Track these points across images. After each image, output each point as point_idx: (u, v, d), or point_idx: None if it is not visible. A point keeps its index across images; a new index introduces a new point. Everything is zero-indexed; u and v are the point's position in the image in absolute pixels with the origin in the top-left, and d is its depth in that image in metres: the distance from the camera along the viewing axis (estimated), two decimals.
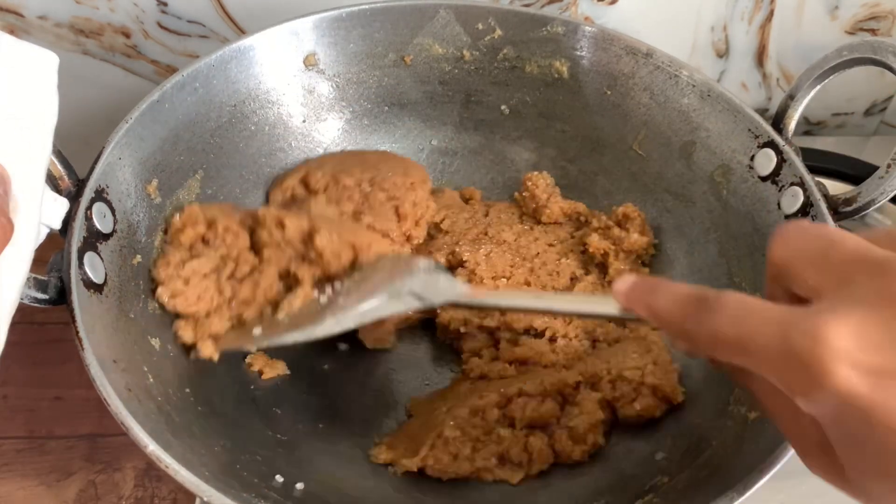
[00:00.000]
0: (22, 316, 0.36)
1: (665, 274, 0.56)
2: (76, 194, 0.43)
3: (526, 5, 0.60)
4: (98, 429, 0.54)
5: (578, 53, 0.57)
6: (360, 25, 0.56)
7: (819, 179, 0.49)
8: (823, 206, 0.47)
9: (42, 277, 0.40)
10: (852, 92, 0.72)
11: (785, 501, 0.50)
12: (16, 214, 0.35)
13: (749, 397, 0.45)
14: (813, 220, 0.47)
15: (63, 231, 0.42)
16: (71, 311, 0.39)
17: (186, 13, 0.58)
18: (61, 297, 0.40)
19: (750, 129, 0.51)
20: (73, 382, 0.56)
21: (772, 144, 0.50)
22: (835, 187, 0.53)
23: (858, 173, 0.65)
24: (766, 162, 0.50)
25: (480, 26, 0.57)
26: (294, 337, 0.44)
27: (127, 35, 0.59)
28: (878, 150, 0.71)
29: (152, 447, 0.36)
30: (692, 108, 0.54)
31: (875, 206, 0.46)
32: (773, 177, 0.50)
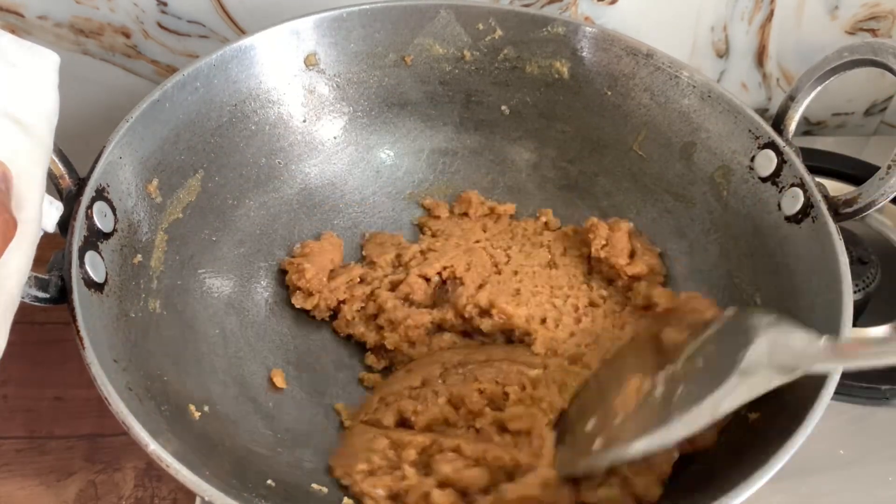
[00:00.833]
0: (22, 315, 0.36)
1: (665, 274, 0.56)
2: (77, 193, 0.43)
3: (526, 5, 0.60)
4: (98, 429, 0.54)
5: (579, 54, 0.57)
6: (361, 25, 0.56)
7: (819, 180, 0.49)
8: (824, 208, 0.47)
9: (43, 276, 0.40)
10: (852, 92, 0.72)
11: (785, 501, 0.50)
12: (18, 213, 0.35)
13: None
14: (814, 222, 0.47)
15: (64, 230, 0.42)
16: (72, 310, 0.39)
17: (186, 13, 0.58)
18: (62, 296, 0.40)
19: (750, 130, 0.51)
20: (73, 382, 0.56)
21: (772, 145, 0.50)
22: (835, 187, 0.54)
23: (858, 173, 0.65)
24: (767, 163, 0.50)
25: (481, 26, 0.57)
26: (643, 446, 0.38)
27: (127, 35, 0.59)
28: (878, 151, 0.71)
29: (153, 446, 0.36)
30: (692, 108, 0.54)
31: (875, 207, 0.46)
32: (773, 178, 0.50)
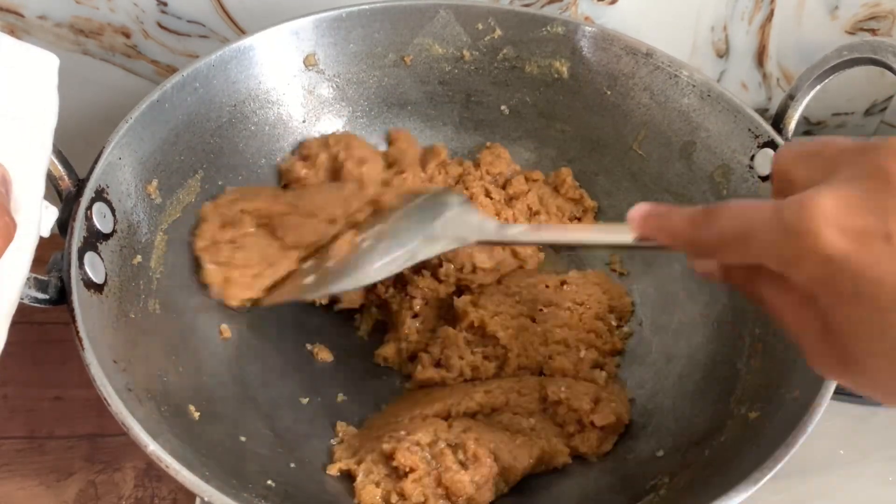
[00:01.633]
0: (22, 316, 0.36)
1: (665, 273, 0.56)
2: (76, 194, 0.43)
3: (526, 5, 0.60)
4: (98, 429, 0.54)
5: (578, 54, 0.57)
6: (360, 25, 0.56)
7: None
8: None
9: (42, 277, 0.40)
10: (852, 92, 0.72)
11: (785, 501, 0.50)
12: (17, 214, 0.35)
13: (750, 394, 0.45)
14: None
15: (63, 231, 0.42)
16: (71, 311, 0.39)
17: (186, 13, 0.58)
18: (61, 297, 0.40)
19: (750, 129, 0.51)
20: (73, 382, 0.56)
21: (772, 144, 0.50)
22: None
23: None
24: (767, 162, 0.50)
25: (480, 26, 0.57)
26: (342, 285, 0.45)
27: (127, 35, 0.59)
28: None
29: (153, 447, 0.36)
30: (692, 108, 0.54)
31: None
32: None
